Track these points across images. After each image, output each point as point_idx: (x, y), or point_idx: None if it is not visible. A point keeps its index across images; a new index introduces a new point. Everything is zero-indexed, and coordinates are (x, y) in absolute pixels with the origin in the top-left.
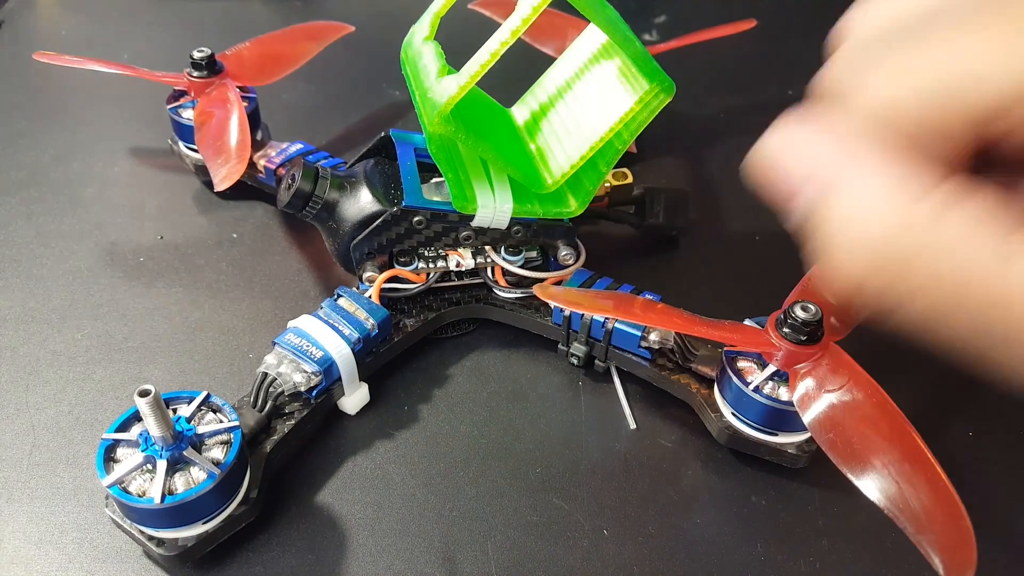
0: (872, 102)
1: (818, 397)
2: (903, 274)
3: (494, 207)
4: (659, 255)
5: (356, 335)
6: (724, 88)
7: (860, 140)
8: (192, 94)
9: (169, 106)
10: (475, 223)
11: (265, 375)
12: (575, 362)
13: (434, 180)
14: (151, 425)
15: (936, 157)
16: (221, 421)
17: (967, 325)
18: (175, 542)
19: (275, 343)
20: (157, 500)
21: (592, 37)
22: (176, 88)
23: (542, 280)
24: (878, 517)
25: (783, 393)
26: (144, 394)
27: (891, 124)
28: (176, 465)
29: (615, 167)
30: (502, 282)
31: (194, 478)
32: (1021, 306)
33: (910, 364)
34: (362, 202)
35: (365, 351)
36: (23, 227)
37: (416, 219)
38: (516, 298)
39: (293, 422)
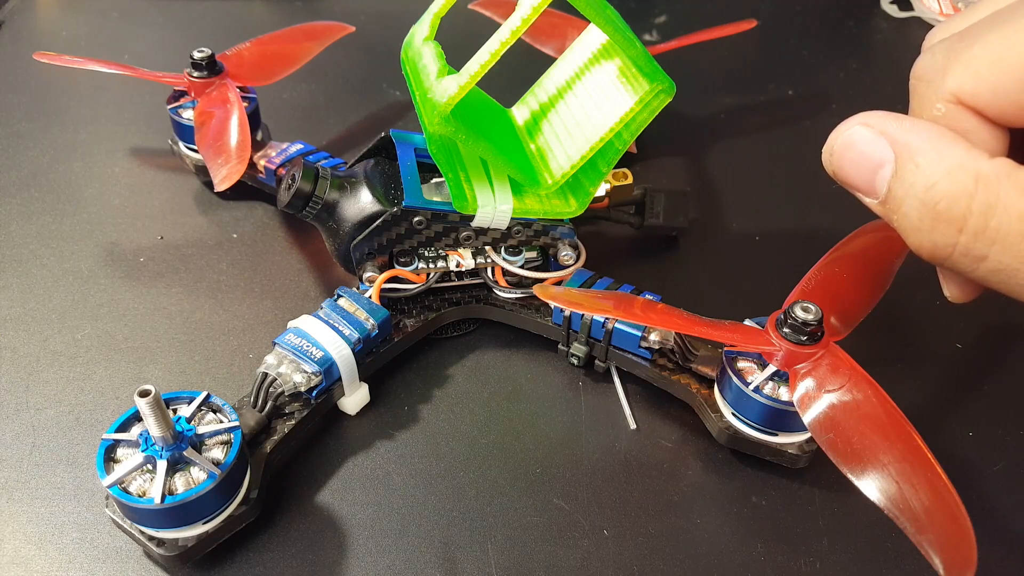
0: (951, 86)
1: (818, 397)
2: (980, 228)
3: (494, 207)
4: (659, 255)
5: (356, 335)
6: (724, 88)
7: (928, 124)
8: (192, 94)
9: (169, 106)
10: (475, 223)
11: (265, 375)
12: (575, 362)
13: (434, 180)
14: (151, 425)
15: (990, 138)
16: (221, 421)
17: None
18: (175, 542)
19: (275, 343)
20: (157, 500)
21: (592, 37)
22: (176, 88)
23: (542, 280)
24: (878, 517)
25: (783, 393)
26: (144, 394)
27: (965, 103)
28: (176, 465)
29: (615, 167)
30: (502, 282)
31: (194, 478)
32: None
33: (910, 364)
34: (362, 202)
35: (365, 351)
36: (23, 227)
37: (416, 219)
38: (516, 298)
39: (293, 422)
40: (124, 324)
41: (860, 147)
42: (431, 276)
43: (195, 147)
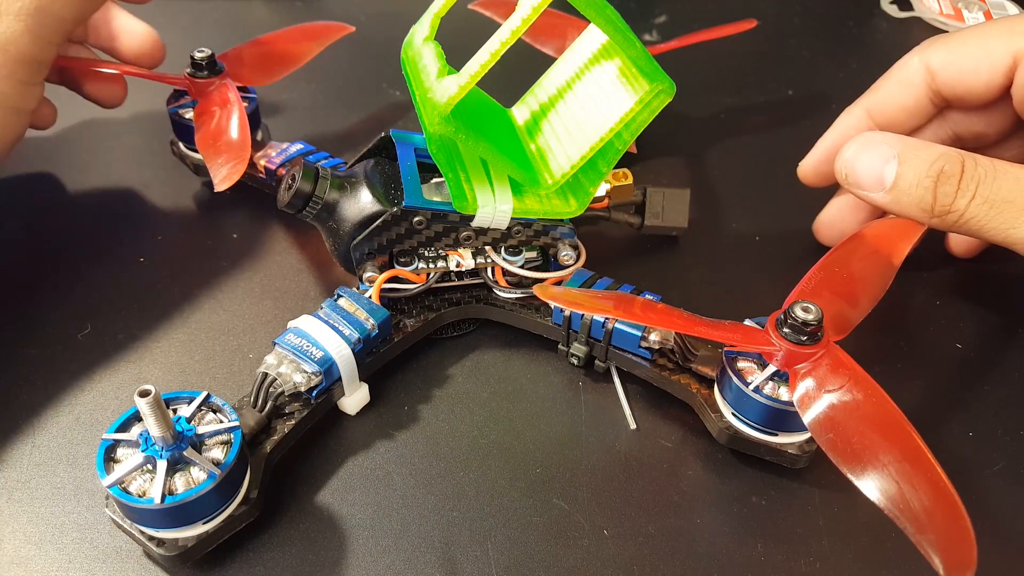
0: (928, 56)
1: (818, 397)
2: (969, 182)
3: (494, 207)
4: (659, 255)
5: (356, 335)
6: (724, 88)
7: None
8: (192, 94)
9: (169, 106)
10: (475, 223)
11: (265, 375)
12: (575, 362)
13: (434, 180)
14: (151, 425)
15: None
16: (221, 421)
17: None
18: (175, 542)
19: (275, 343)
20: (157, 500)
21: (592, 37)
22: (176, 88)
23: (542, 280)
24: (878, 517)
25: (783, 393)
26: (144, 394)
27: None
28: (176, 465)
29: (615, 167)
30: (502, 282)
31: (194, 478)
32: None
33: (910, 364)
34: (362, 202)
35: (365, 351)
36: (22, 227)
37: (416, 219)
38: (516, 298)
39: (293, 422)
40: (124, 324)
41: (869, 151)
42: (431, 276)
43: (195, 147)
